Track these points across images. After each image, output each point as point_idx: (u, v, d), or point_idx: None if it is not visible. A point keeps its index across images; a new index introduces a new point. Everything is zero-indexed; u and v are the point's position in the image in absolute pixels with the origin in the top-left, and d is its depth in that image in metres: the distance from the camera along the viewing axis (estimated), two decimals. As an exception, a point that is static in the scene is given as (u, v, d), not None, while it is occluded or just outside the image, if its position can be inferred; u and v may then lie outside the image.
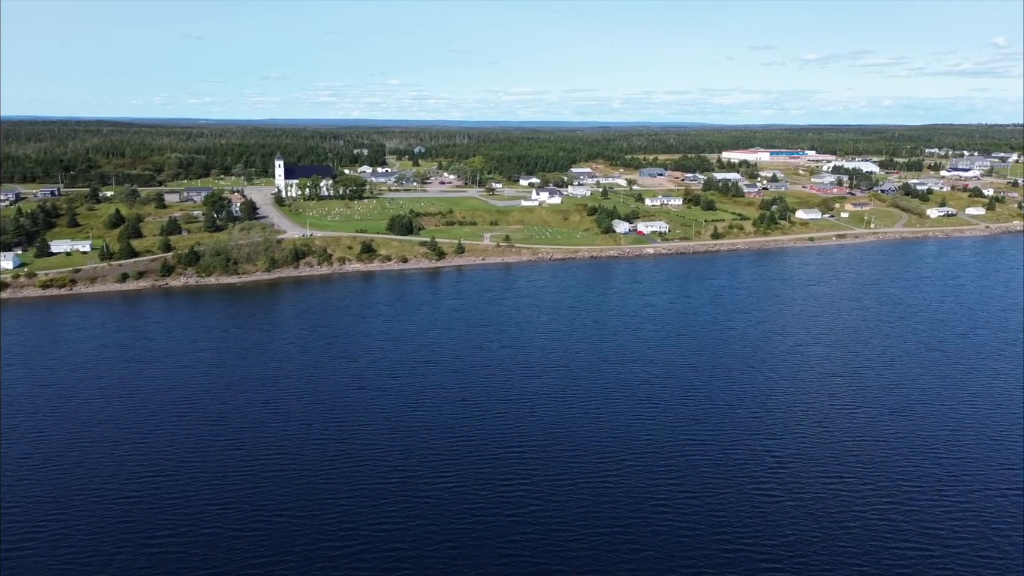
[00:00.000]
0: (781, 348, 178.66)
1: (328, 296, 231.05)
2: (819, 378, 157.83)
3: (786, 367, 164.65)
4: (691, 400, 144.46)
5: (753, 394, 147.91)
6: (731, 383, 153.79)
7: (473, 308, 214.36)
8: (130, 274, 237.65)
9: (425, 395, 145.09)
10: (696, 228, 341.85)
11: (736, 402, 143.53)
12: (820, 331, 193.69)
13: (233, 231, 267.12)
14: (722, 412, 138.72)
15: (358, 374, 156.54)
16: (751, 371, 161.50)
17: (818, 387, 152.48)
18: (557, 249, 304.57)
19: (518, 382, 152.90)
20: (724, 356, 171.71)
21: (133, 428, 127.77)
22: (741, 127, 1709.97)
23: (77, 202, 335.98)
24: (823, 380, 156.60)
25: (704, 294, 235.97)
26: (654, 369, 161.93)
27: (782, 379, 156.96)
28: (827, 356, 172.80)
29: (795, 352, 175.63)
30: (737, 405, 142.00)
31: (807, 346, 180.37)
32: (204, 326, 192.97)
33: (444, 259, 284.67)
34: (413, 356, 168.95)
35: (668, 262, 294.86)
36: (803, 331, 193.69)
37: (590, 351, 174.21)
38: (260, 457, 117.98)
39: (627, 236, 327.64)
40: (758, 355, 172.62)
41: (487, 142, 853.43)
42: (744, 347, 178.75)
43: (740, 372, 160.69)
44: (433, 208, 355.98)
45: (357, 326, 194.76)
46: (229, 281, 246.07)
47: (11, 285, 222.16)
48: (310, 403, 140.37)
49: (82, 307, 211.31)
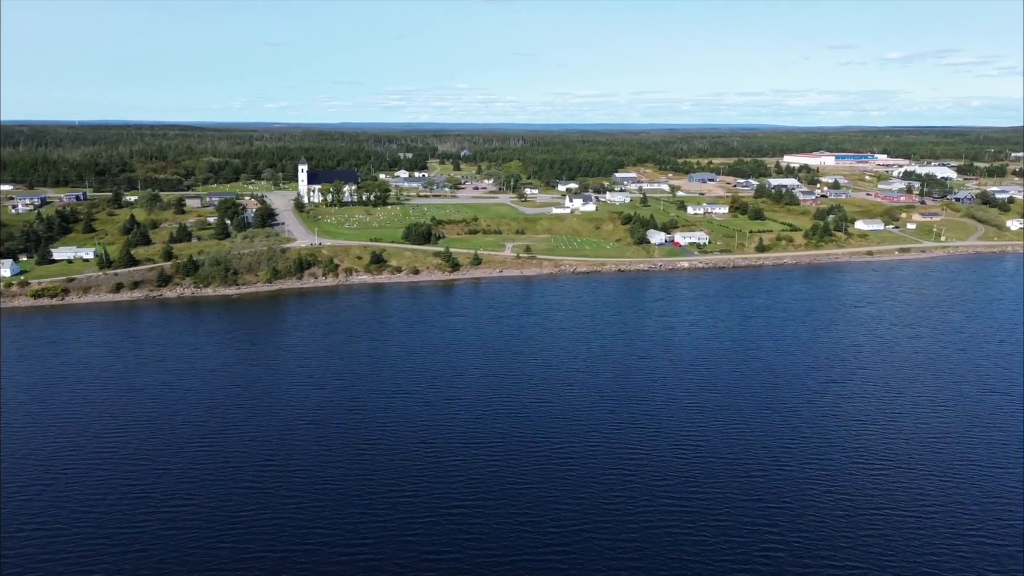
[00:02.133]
0: (807, 384, 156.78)
1: (322, 311, 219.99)
2: (846, 427, 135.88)
3: (809, 409, 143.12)
4: (684, 450, 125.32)
5: (761, 445, 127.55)
6: (737, 430, 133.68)
7: (471, 327, 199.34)
8: (125, 284, 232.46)
9: (378, 432, 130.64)
10: (739, 239, 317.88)
11: (738, 457, 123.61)
12: (858, 364, 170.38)
13: (236, 239, 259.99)
14: (718, 470, 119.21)
15: (316, 404, 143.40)
16: (764, 414, 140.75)
17: (842, 438, 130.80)
18: (582, 261, 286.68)
19: (488, 421, 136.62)
20: (737, 393, 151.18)
21: (51, 458, 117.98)
22: (814, 129, 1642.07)
23: (99, 207, 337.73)
24: (850, 430, 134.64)
25: (734, 315, 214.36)
26: (651, 408, 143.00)
27: (800, 424, 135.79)
28: (862, 396, 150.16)
29: (823, 390, 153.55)
30: (738, 461, 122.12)
31: (839, 383, 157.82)
32: (178, 343, 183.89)
33: (458, 271, 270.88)
34: (385, 383, 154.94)
35: (703, 277, 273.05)
36: (838, 363, 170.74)
37: (584, 383, 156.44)
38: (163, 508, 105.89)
39: (662, 248, 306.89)
40: (777, 393, 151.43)
41: (540, 145, 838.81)
42: (763, 383, 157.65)
43: (751, 415, 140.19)
44: (457, 215, 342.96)
45: (339, 347, 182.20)
46: (227, 292, 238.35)
47: (3, 294, 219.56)
48: (234, 441, 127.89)
49: (65, 319, 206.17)
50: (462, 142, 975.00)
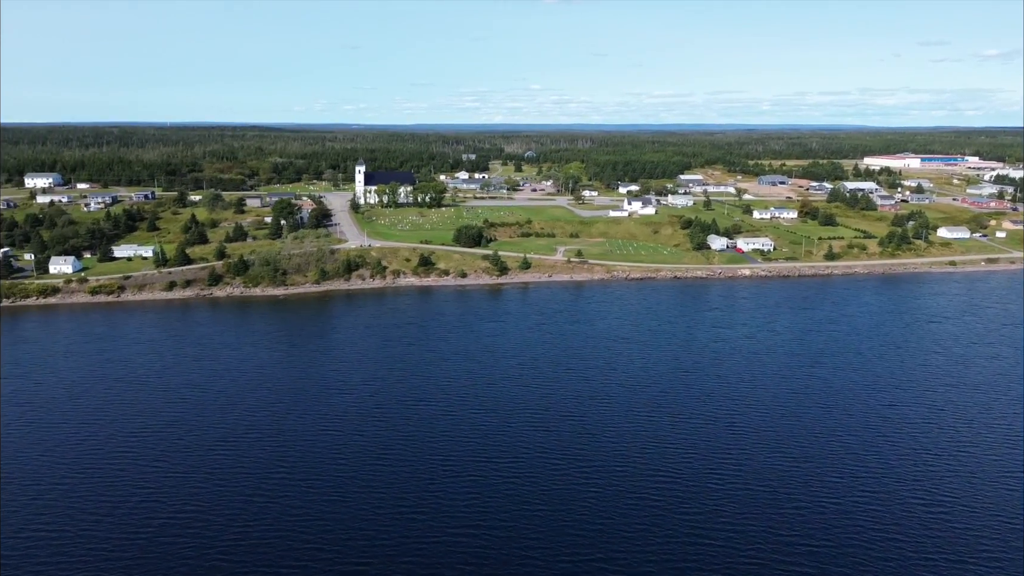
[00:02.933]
0: (867, 407, 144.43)
1: (364, 313, 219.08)
2: (908, 458, 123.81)
3: (866, 436, 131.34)
4: (719, 476, 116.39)
5: (808, 476, 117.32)
6: (781, 456, 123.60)
7: (511, 334, 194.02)
8: (178, 282, 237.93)
9: (396, 443, 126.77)
10: (807, 247, 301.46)
11: (778, 490, 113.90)
12: (927, 386, 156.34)
13: (287, 240, 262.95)
14: (754, 502, 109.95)
15: (340, 411, 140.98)
16: (814, 440, 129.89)
17: (904, 471, 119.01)
18: (636, 267, 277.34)
19: (510, 437, 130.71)
20: (785, 415, 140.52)
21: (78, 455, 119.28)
22: (903, 130, 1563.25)
23: (164, 206, 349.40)
24: (912, 462, 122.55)
25: (794, 328, 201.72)
26: (688, 428, 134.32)
27: (856, 453, 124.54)
28: (928, 423, 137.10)
29: (885, 414, 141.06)
30: (779, 494, 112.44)
31: (903, 407, 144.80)
32: (217, 343, 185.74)
33: (506, 275, 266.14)
34: (412, 391, 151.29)
35: (765, 287, 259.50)
36: (905, 385, 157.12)
37: (619, 398, 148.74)
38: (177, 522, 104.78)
39: (722, 254, 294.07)
40: (832, 416, 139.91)
41: (608, 146, 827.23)
42: (817, 404, 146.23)
43: (799, 440, 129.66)
44: (511, 218, 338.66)
45: (374, 351, 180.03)
46: (275, 293, 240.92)
47: (63, 290, 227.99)
48: (250, 447, 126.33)
49: (118, 316, 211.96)
50: (529, 143, 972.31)
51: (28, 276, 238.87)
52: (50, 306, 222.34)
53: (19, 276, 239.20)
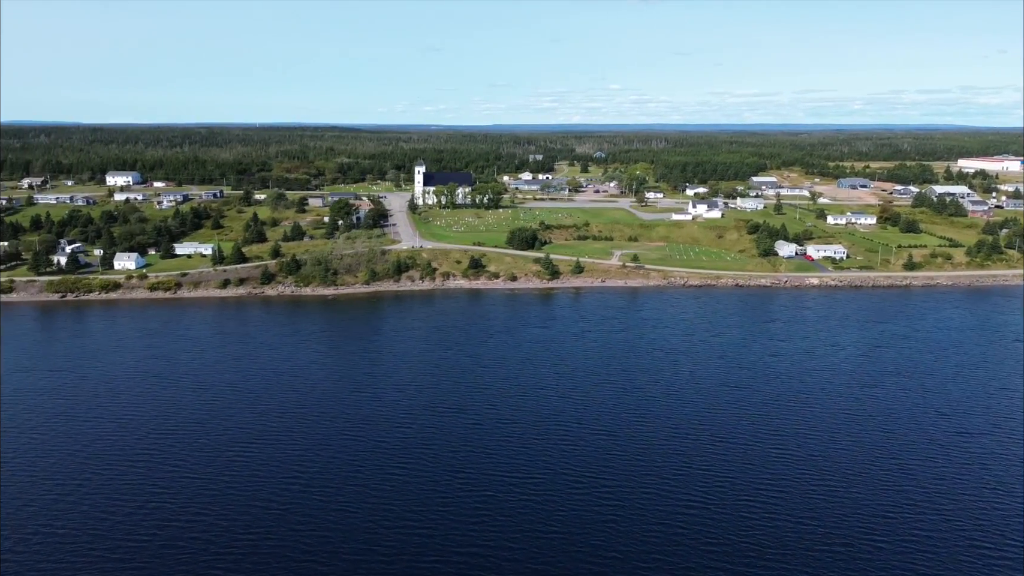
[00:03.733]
0: (932, 436, 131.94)
1: (409, 315, 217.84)
2: (974, 497, 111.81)
3: (927, 470, 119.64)
4: (752, 509, 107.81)
5: (859, 510, 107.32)
6: (827, 488, 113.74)
7: (554, 342, 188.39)
8: (231, 280, 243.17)
9: (416, 453, 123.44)
10: (884, 255, 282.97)
11: (824, 526, 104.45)
12: (1006, 413, 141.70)
13: (339, 240, 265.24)
14: (796, 539, 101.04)
15: (365, 416, 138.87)
16: (867, 471, 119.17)
17: (965, 512, 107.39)
18: (695, 273, 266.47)
19: (536, 453, 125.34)
20: (836, 441, 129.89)
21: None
22: (1007, 130, 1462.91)
23: (231, 204, 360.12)
24: (976, 501, 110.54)
25: (859, 344, 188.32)
26: (728, 451, 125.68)
27: (912, 489, 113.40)
28: (1000, 457, 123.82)
29: (952, 444, 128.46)
30: (826, 532, 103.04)
31: (974, 437, 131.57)
32: (259, 342, 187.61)
33: (558, 279, 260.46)
34: (442, 398, 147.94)
35: (834, 297, 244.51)
36: (979, 411, 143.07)
37: (659, 414, 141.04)
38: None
39: (790, 261, 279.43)
40: (890, 444, 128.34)
41: (683, 146, 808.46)
42: (875, 429, 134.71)
43: (849, 470, 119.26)
44: (568, 220, 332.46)
45: (411, 355, 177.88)
46: (324, 292, 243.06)
47: (123, 286, 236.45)
48: (270, 451, 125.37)
49: (170, 312, 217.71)
50: (601, 143, 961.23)
51: (94, 271, 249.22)
52: (111, 301, 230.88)
53: (86, 271, 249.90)
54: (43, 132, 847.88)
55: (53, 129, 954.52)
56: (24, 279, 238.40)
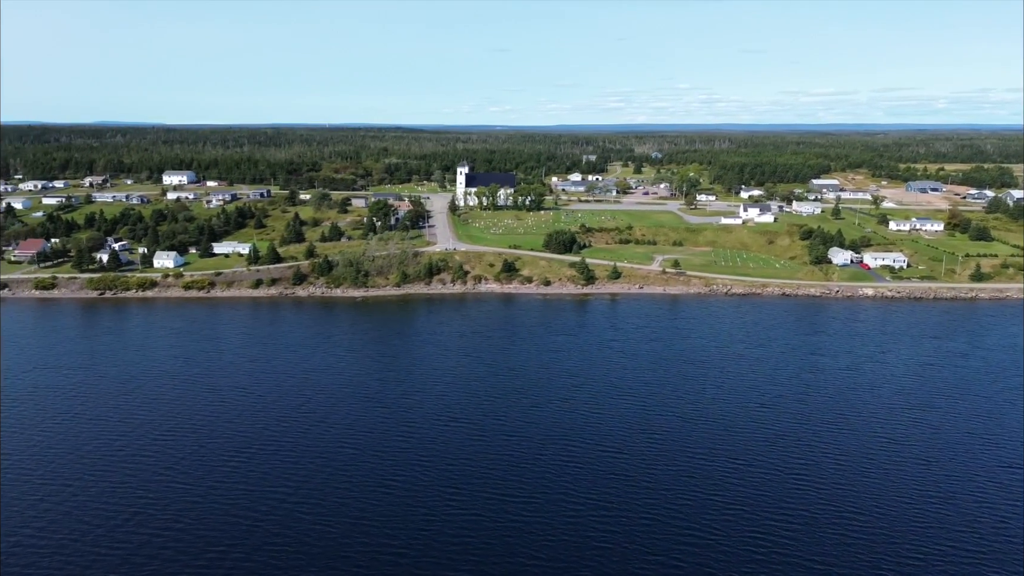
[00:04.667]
0: (980, 467, 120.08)
1: (434, 319, 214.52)
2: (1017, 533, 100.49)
3: (976, 506, 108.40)
4: (761, 545, 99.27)
5: (891, 545, 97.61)
6: (854, 524, 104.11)
7: (578, 351, 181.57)
8: (264, 280, 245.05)
9: (412, 468, 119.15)
10: (949, 264, 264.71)
11: (854, 563, 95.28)
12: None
13: (371, 241, 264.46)
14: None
15: (368, 425, 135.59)
16: (910, 510, 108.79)
17: (1006, 552, 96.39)
18: (739, 281, 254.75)
19: (538, 472, 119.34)
20: (866, 470, 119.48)
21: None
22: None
23: (276, 204, 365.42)
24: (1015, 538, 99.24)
25: (911, 361, 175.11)
26: (738, 488, 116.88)
27: (958, 528, 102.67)
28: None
29: (999, 479, 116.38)
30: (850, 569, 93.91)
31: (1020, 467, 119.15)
32: (279, 344, 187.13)
33: (593, 284, 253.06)
34: (449, 408, 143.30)
35: (890, 309, 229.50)
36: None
37: (674, 434, 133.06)
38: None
39: (844, 270, 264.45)
40: (934, 473, 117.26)
41: (747, 146, 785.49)
42: (921, 454, 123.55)
43: (880, 501, 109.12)
44: (611, 223, 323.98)
45: (427, 360, 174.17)
46: (354, 294, 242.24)
47: (160, 284, 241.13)
48: (268, 459, 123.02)
49: (201, 311, 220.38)
50: (662, 144, 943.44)
51: (135, 270, 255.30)
52: (148, 299, 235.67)
53: (127, 269, 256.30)
54: (120, 132, 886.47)
55: (131, 129, 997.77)
56: (67, 276, 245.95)
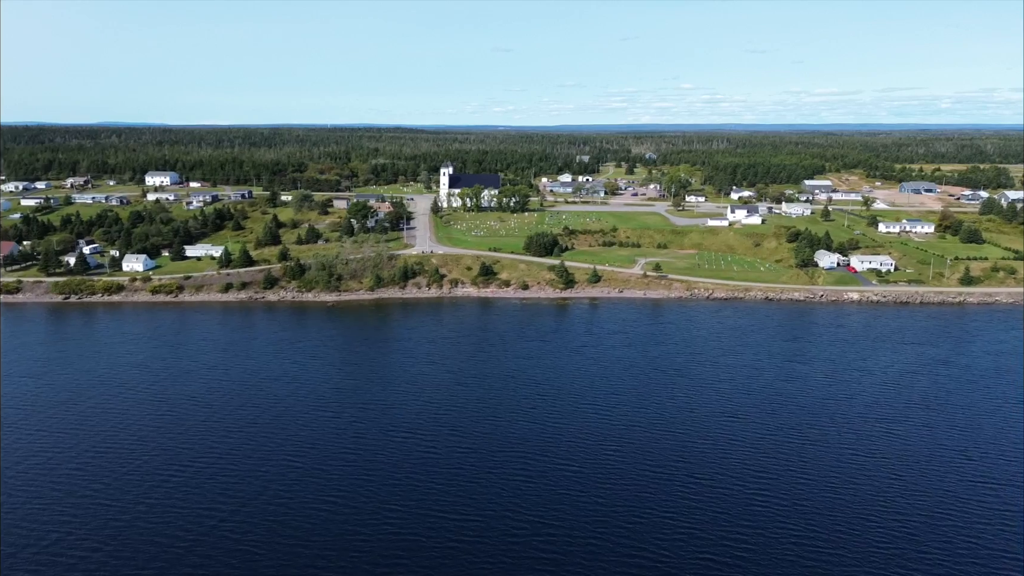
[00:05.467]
0: (959, 480, 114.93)
1: (404, 324, 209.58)
2: (1005, 559, 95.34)
3: (950, 521, 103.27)
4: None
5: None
6: (822, 549, 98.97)
7: (548, 357, 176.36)
8: (234, 284, 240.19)
9: (350, 483, 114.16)
10: (937, 268, 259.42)
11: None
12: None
13: (345, 244, 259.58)
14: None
15: (312, 439, 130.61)
16: (877, 531, 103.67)
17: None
18: (722, 285, 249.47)
19: (480, 486, 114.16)
20: (849, 487, 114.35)
21: None
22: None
23: (257, 206, 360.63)
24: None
25: (891, 369, 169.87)
26: (692, 507, 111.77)
27: (933, 546, 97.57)
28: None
29: (979, 494, 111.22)
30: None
31: (1001, 487, 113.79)
32: (239, 350, 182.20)
33: (572, 288, 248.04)
34: (403, 419, 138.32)
35: (875, 314, 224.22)
36: (1015, 455, 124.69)
37: (629, 451, 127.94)
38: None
39: (830, 273, 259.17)
40: (905, 487, 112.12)
41: (745, 147, 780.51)
42: (892, 470, 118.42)
43: (856, 524, 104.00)
44: (596, 225, 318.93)
45: (388, 368, 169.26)
46: (327, 299, 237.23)
47: (127, 288, 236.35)
48: (205, 473, 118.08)
49: (168, 316, 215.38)
50: (659, 144, 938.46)
51: (104, 273, 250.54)
52: (115, 303, 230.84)
53: (96, 272, 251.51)
54: (115, 133, 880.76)
55: (129, 130, 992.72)
56: (32, 279, 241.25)
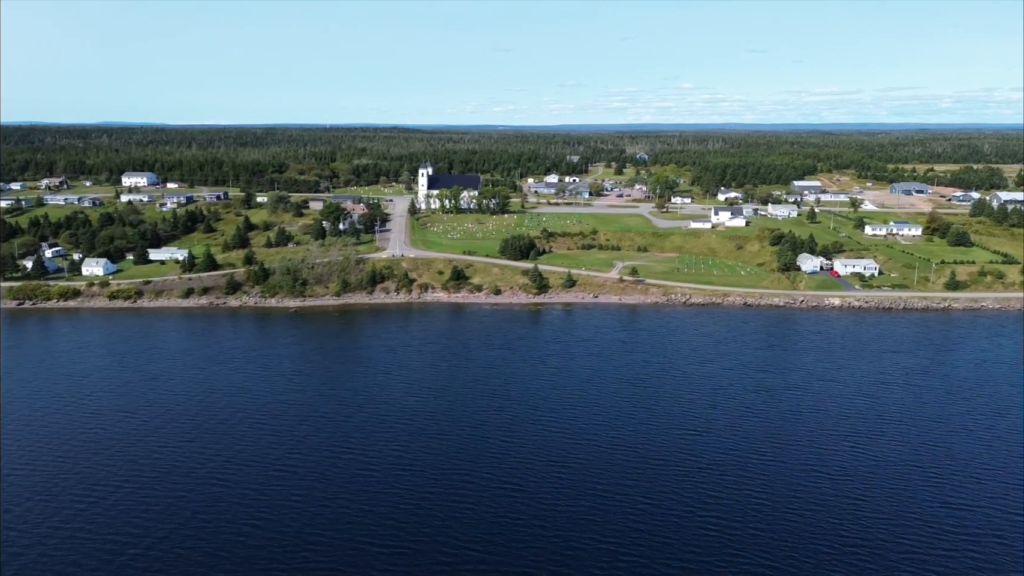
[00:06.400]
0: (926, 503, 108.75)
1: (368, 331, 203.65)
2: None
3: (913, 549, 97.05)
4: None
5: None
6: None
7: (511, 367, 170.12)
8: (195, 289, 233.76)
9: (267, 508, 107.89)
10: (923, 272, 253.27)
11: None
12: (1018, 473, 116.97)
13: (312, 247, 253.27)
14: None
15: (241, 459, 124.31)
16: (821, 566, 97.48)
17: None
18: (700, 290, 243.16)
19: (402, 514, 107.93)
20: (806, 509, 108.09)
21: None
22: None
23: (231, 207, 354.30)
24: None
25: (864, 380, 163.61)
26: (638, 534, 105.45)
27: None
28: (998, 532, 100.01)
29: (944, 518, 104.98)
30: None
31: (968, 509, 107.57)
32: (189, 359, 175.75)
33: (546, 293, 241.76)
34: (343, 437, 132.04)
35: (857, 320, 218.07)
36: (985, 475, 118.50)
37: (577, 473, 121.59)
38: None
39: (812, 277, 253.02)
40: (866, 513, 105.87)
41: (741, 147, 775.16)
42: (859, 492, 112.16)
43: (813, 551, 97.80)
44: (575, 227, 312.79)
45: (339, 380, 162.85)
46: (291, 304, 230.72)
47: (84, 294, 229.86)
48: (124, 495, 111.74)
49: (125, 322, 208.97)
50: (654, 144, 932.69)
51: (63, 277, 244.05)
52: (72, 309, 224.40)
53: (55, 277, 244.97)
54: (106, 133, 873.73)
55: (124, 130, 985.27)
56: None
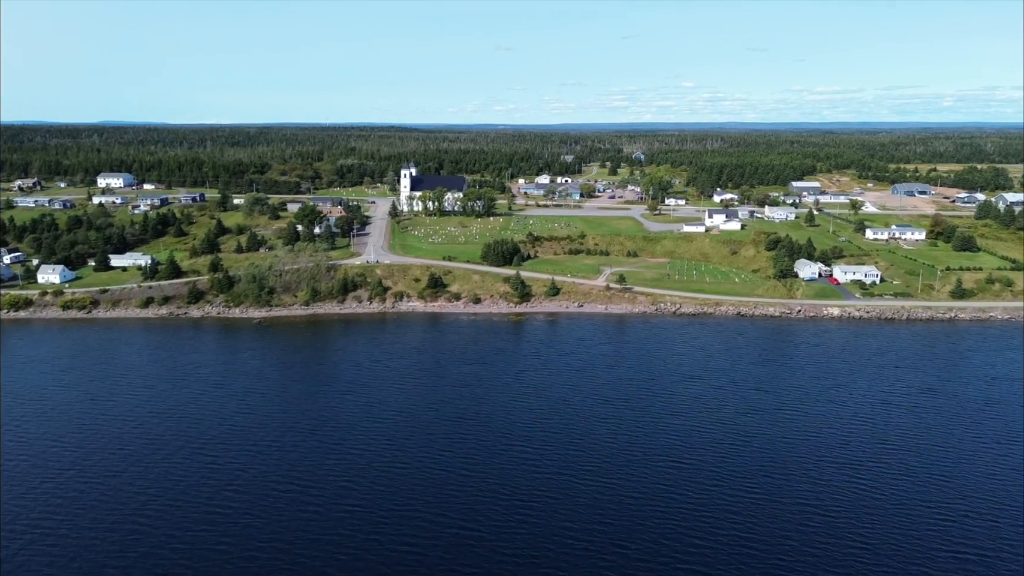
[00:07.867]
0: (930, 548, 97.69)
1: (333, 344, 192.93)
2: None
3: None
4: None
5: None
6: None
7: (484, 385, 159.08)
8: (155, 299, 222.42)
9: (201, 533, 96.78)
10: (927, 279, 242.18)
11: None
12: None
13: (280, 252, 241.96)
14: None
15: (179, 489, 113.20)
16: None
17: None
18: (691, 298, 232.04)
19: (338, 546, 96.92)
20: (802, 548, 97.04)
21: None
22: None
23: (205, 209, 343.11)
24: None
25: (865, 400, 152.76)
26: (609, 569, 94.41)
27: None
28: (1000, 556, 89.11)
29: (946, 564, 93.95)
30: None
31: (977, 541, 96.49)
32: (136, 378, 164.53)
33: (529, 302, 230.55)
34: (292, 465, 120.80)
35: (857, 332, 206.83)
36: (988, 511, 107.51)
37: (539, 504, 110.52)
38: None
39: (810, 285, 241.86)
40: (868, 555, 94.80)
41: (740, 146, 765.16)
42: (849, 530, 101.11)
43: None
44: (563, 231, 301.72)
45: (300, 398, 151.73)
46: (256, 315, 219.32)
47: (36, 303, 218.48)
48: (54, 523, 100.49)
49: (78, 334, 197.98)
50: (652, 143, 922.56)
51: (16, 285, 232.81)
52: (23, 320, 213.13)
53: (9, 285, 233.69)
54: (96, 132, 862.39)
55: (111, 129, 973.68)
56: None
